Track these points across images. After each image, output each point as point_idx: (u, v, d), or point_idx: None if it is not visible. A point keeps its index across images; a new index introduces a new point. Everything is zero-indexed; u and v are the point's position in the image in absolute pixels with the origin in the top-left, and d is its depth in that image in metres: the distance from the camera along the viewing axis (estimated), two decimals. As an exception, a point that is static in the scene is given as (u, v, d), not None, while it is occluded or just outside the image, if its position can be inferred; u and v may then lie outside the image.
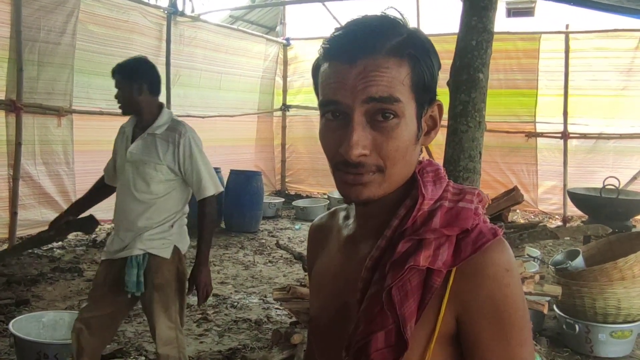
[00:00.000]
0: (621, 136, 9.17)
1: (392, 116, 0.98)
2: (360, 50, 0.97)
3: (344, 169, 1.00)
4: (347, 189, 1.02)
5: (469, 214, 1.02)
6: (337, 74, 0.99)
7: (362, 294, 1.04)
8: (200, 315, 5.10)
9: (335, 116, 1.01)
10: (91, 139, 7.51)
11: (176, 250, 3.20)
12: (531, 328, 1.03)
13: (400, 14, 1.03)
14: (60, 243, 7.28)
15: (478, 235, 1.00)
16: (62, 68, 7.02)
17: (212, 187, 3.20)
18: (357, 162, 0.98)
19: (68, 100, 7.12)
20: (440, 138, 4.49)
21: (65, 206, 7.15)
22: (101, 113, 7.55)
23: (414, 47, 1.00)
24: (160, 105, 3.27)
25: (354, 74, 0.97)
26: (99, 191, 3.58)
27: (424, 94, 1.03)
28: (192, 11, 9.21)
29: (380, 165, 1.00)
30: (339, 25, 1.04)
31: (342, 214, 1.25)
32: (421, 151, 1.10)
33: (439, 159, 4.14)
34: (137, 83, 3.16)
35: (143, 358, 4.30)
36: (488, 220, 1.05)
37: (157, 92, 3.26)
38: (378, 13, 1.03)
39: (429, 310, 0.98)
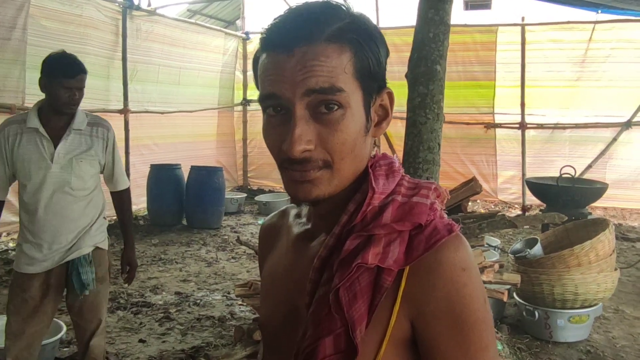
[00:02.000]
0: (576, 126, 9.34)
1: (336, 107, 0.91)
2: (297, 38, 0.91)
3: (290, 166, 0.94)
4: (295, 187, 0.96)
5: (424, 209, 0.95)
6: (274, 65, 0.93)
7: (311, 297, 0.97)
8: (162, 314, 5.05)
9: (277, 111, 0.94)
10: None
11: (108, 240, 3.32)
12: (493, 329, 0.97)
13: None
14: (14, 244, 7.13)
15: (432, 231, 0.93)
16: (13, 64, 6.82)
17: (127, 179, 3.40)
18: (302, 158, 0.91)
19: (20, 98, 6.93)
20: (402, 130, 4.51)
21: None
22: (56, 110, 7.37)
23: (355, 32, 0.94)
24: None
25: (291, 64, 0.90)
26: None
27: (371, 82, 0.96)
28: (149, 5, 9.06)
29: (327, 160, 0.93)
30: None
31: (293, 212, 1.19)
32: (374, 144, 1.05)
33: (400, 151, 4.16)
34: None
35: None
36: (445, 216, 0.99)
37: None
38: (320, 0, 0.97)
39: (382, 312, 0.92)
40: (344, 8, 0.96)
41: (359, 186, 1.00)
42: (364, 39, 0.94)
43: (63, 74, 2.94)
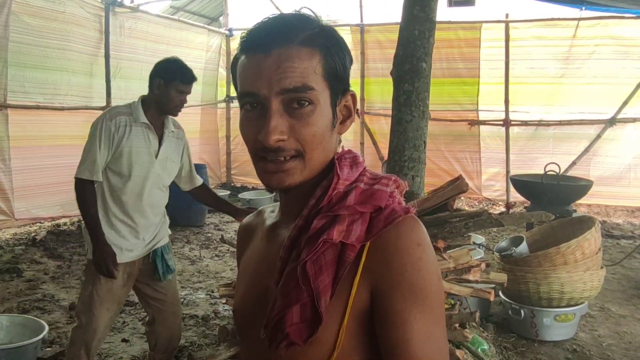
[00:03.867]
0: (560, 123, 9.37)
1: (307, 103, 1.03)
2: (274, 41, 1.02)
3: (264, 154, 1.04)
4: (269, 177, 1.06)
5: (384, 195, 1.07)
6: (253, 65, 1.04)
7: (280, 274, 1.06)
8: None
9: (253, 107, 1.05)
10: (28, 134, 7.28)
11: None
12: (444, 305, 1.07)
13: (313, 12, 1.09)
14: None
15: (391, 212, 1.04)
16: (-5, 61, 6.76)
17: None
18: (276, 147, 1.02)
19: (2, 95, 6.86)
20: (385, 127, 4.50)
21: (2, 205, 6.92)
22: (38, 107, 7.32)
23: (325, 38, 1.06)
24: None
25: (268, 63, 1.02)
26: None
27: (337, 83, 1.08)
28: (132, 1, 8.99)
29: (299, 149, 1.04)
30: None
31: (268, 210, 1.30)
32: (340, 141, 1.16)
33: (384, 149, 4.14)
34: None
35: (87, 359, 4.18)
36: (403, 203, 1.10)
37: None
38: (293, 11, 1.10)
39: (344, 286, 1.01)
40: (315, 19, 1.09)
41: (325, 175, 1.11)
42: (332, 45, 1.07)
43: (182, 78, 3.17)
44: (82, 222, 3.32)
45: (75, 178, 3.14)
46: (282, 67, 1.01)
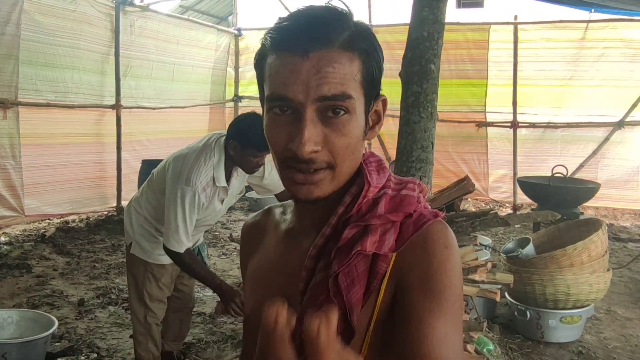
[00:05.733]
0: (568, 125, 9.35)
1: (342, 112, 0.96)
2: (312, 42, 0.94)
3: (294, 164, 0.98)
4: (297, 188, 1.00)
5: (412, 200, 1.04)
6: (287, 67, 0.95)
7: (306, 284, 1.02)
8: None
9: (283, 110, 0.98)
10: (39, 132, 7.34)
11: None
12: (463, 312, 1.04)
13: (345, 5, 1.01)
14: (6, 238, 7.10)
15: (419, 216, 1.02)
16: (6, 59, 6.81)
17: None
18: (309, 158, 0.95)
19: (13, 92, 6.91)
20: (393, 128, 4.50)
21: (12, 201, 6.98)
22: (48, 105, 7.37)
23: (364, 42, 0.99)
24: None
25: (306, 67, 0.93)
26: None
27: (372, 89, 1.02)
28: (142, 1, 9.03)
29: (330, 162, 0.98)
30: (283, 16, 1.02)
31: (278, 210, 1.23)
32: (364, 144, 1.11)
33: (391, 149, 4.16)
34: None
35: (95, 355, 4.22)
36: (429, 207, 1.07)
37: None
38: (322, 4, 1.01)
39: (372, 294, 0.98)
40: (348, 14, 1.00)
41: (353, 181, 1.06)
42: (370, 49, 1.00)
43: (258, 147, 3.08)
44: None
45: (175, 252, 3.23)
46: (322, 72, 0.93)
